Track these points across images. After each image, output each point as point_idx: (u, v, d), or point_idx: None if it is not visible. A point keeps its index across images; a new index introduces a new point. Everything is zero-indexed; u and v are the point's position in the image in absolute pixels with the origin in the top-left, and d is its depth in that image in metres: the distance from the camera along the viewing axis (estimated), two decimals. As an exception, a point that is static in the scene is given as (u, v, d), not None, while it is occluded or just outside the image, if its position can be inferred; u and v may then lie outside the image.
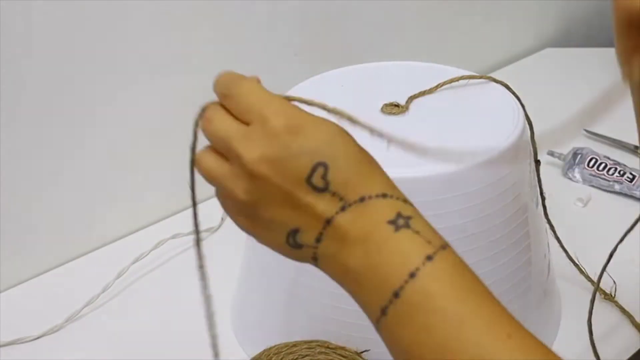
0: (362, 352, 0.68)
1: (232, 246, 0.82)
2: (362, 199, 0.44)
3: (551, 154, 1.07)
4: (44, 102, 0.85)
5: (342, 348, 0.68)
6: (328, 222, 0.44)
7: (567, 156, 1.07)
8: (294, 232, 0.45)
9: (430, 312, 0.40)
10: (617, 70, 0.60)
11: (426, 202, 0.65)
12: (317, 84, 0.80)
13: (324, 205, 0.44)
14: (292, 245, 0.45)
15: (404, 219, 0.43)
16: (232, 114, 0.48)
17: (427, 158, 0.52)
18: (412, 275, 0.41)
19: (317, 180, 0.43)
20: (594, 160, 1.04)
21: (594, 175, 1.04)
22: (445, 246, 0.43)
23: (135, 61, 0.91)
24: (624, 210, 1.00)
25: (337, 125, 0.46)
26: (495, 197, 0.67)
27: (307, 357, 0.68)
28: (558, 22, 1.50)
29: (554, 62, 1.42)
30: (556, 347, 0.78)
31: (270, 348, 0.69)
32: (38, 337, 0.81)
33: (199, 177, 0.52)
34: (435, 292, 0.40)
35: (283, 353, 0.68)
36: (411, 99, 0.74)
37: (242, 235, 0.52)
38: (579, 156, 1.06)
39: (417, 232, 0.43)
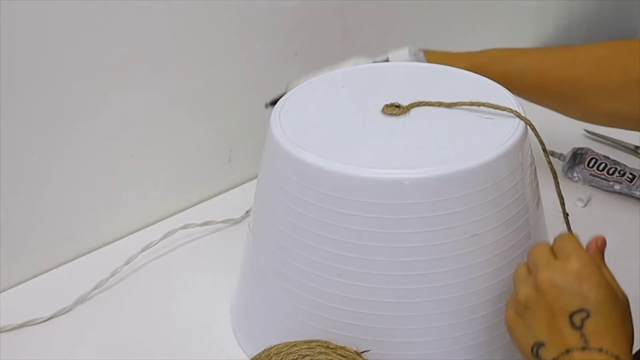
0: (362, 352, 0.68)
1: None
2: (599, 349, 0.56)
3: (551, 154, 1.07)
4: (45, 98, 0.85)
5: (342, 348, 0.68)
6: (567, 351, 0.56)
7: (567, 156, 1.07)
8: (540, 345, 0.58)
9: None
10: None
11: (427, 203, 0.65)
12: (317, 84, 0.80)
13: (571, 339, 0.57)
14: (534, 353, 0.59)
15: None
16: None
17: None
18: None
19: (576, 319, 0.57)
20: (594, 161, 1.04)
21: (594, 176, 1.04)
22: None
23: (137, 60, 0.91)
24: (624, 211, 1.00)
25: (613, 291, 0.59)
26: (496, 198, 0.67)
27: (307, 357, 0.68)
28: (558, 22, 1.50)
29: (554, 62, 1.42)
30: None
31: (270, 348, 0.69)
32: (49, 319, 0.83)
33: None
34: None
35: (283, 353, 0.68)
36: (412, 105, 0.74)
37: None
38: (579, 156, 1.06)
39: None
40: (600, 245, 0.63)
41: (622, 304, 0.59)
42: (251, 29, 1.00)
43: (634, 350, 0.77)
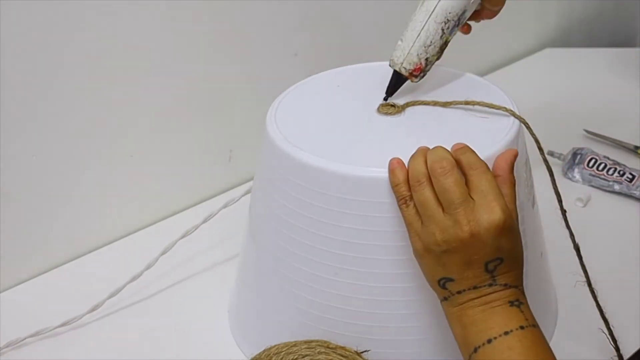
0: (362, 352, 0.68)
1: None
2: (505, 285, 0.61)
3: (551, 154, 1.07)
4: (45, 98, 0.85)
5: (342, 348, 0.68)
6: (475, 287, 0.61)
7: (567, 156, 1.07)
8: (449, 279, 0.61)
9: (506, 358, 0.58)
10: (617, 70, 0.60)
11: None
12: (316, 83, 0.80)
13: (481, 278, 0.61)
14: (440, 285, 0.62)
15: (519, 302, 0.61)
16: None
17: None
18: (506, 333, 0.59)
19: (491, 266, 0.61)
20: (593, 160, 1.04)
21: (593, 175, 1.04)
22: (535, 326, 0.60)
23: (137, 60, 0.91)
24: (623, 210, 1.00)
25: (519, 236, 0.63)
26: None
27: (307, 357, 0.68)
28: (558, 22, 1.50)
29: (554, 62, 1.42)
30: (553, 346, 0.78)
31: (270, 348, 0.69)
32: (83, 316, 0.83)
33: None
34: (514, 347, 0.59)
35: (283, 353, 0.68)
36: (408, 104, 0.74)
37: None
38: (579, 156, 1.06)
39: (522, 312, 0.61)
40: (510, 161, 0.64)
41: (520, 240, 0.63)
42: (251, 29, 1.00)
43: (634, 350, 0.78)
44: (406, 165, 0.64)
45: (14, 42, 0.80)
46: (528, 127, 0.70)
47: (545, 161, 0.70)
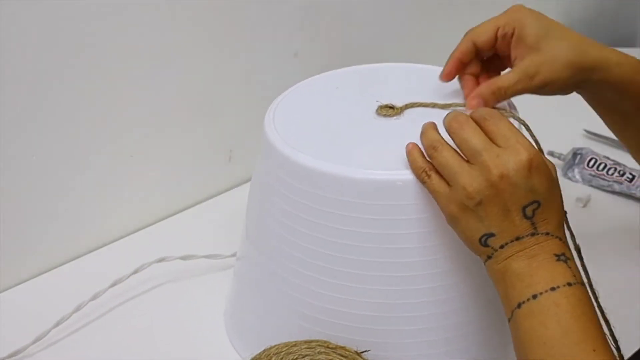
0: (362, 352, 0.68)
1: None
2: (547, 234, 0.59)
3: (551, 154, 1.07)
4: (45, 99, 0.85)
5: (342, 348, 0.68)
6: (517, 238, 0.59)
7: (567, 156, 1.07)
8: (490, 235, 0.60)
9: (551, 315, 0.57)
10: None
11: (420, 203, 0.65)
12: (315, 85, 0.80)
13: (522, 227, 0.59)
14: (482, 243, 0.61)
15: (565, 257, 0.59)
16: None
17: None
18: (553, 289, 0.57)
19: (529, 211, 0.59)
20: (593, 161, 1.04)
21: (593, 176, 1.04)
22: (583, 284, 0.59)
23: (137, 61, 0.91)
24: (623, 210, 1.00)
25: (553, 175, 0.61)
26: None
27: (307, 357, 0.68)
28: (558, 22, 1.50)
29: (554, 62, 1.41)
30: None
31: (270, 348, 0.69)
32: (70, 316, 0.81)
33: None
34: (561, 304, 0.57)
35: (283, 353, 0.68)
36: (407, 106, 0.74)
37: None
38: (579, 156, 1.06)
39: (569, 268, 0.59)
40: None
41: (557, 183, 0.62)
42: (251, 29, 1.00)
43: (634, 351, 0.78)
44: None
45: (14, 42, 0.80)
46: (527, 128, 0.70)
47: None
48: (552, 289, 0.57)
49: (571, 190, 1.03)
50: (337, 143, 0.70)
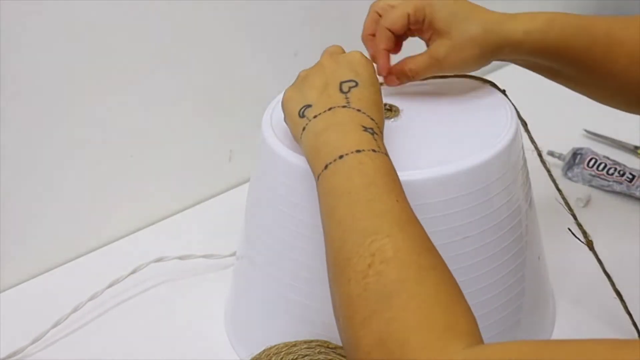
0: (361, 352, 0.68)
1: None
2: (358, 110, 0.61)
3: (551, 154, 1.07)
4: (45, 99, 0.85)
5: (342, 348, 0.68)
6: (330, 109, 0.61)
7: (567, 156, 1.07)
8: (307, 106, 0.63)
9: (356, 170, 0.56)
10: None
11: (418, 205, 0.64)
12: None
13: (336, 99, 0.62)
14: (300, 114, 0.63)
15: (373, 131, 0.60)
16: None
17: None
18: (358, 151, 0.57)
19: (345, 87, 0.63)
20: (593, 161, 1.04)
21: (593, 176, 1.03)
22: (388, 156, 0.59)
23: (137, 61, 0.91)
24: (623, 210, 1.00)
25: (378, 81, 0.65)
26: (487, 200, 0.67)
27: (307, 357, 0.68)
28: (558, 22, 1.50)
29: (554, 62, 1.41)
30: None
31: (270, 348, 0.69)
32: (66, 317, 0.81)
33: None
34: (365, 162, 0.57)
35: (283, 353, 0.68)
36: (404, 106, 0.74)
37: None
38: (579, 156, 1.06)
39: (375, 140, 0.59)
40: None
41: (378, 90, 0.65)
42: (251, 29, 1.00)
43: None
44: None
45: (15, 42, 0.80)
46: (526, 129, 0.70)
47: (544, 163, 0.70)
48: (358, 151, 0.57)
49: (571, 190, 1.03)
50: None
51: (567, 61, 0.72)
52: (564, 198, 0.71)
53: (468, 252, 0.67)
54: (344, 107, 0.61)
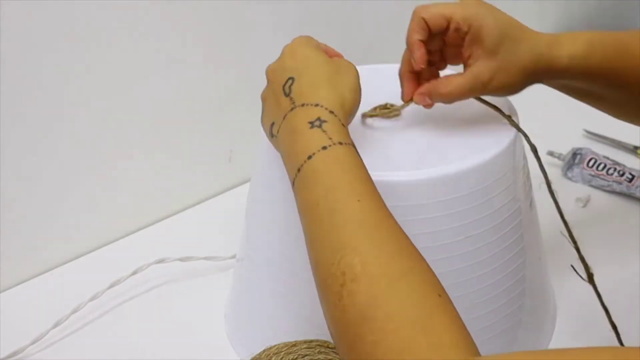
0: (362, 352, 0.68)
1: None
2: (302, 105, 0.60)
3: (551, 154, 1.07)
4: (45, 99, 0.85)
5: (342, 348, 0.68)
6: (284, 118, 0.61)
7: (567, 156, 1.07)
8: (273, 124, 0.63)
9: (312, 181, 0.55)
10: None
11: (419, 205, 0.65)
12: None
13: (285, 105, 0.61)
14: (271, 134, 0.63)
15: (320, 121, 0.58)
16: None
17: None
18: (309, 157, 0.56)
19: (286, 88, 0.62)
20: (593, 161, 1.04)
21: (593, 176, 1.03)
22: (343, 143, 0.57)
23: (137, 61, 0.91)
24: (623, 210, 1.00)
25: (321, 57, 0.64)
26: (488, 200, 0.67)
27: (307, 357, 0.68)
28: (558, 22, 1.50)
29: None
30: (551, 348, 0.78)
31: (270, 348, 0.69)
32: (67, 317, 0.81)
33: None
34: (318, 169, 0.56)
35: (283, 353, 0.68)
36: (403, 106, 0.73)
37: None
38: (579, 156, 1.06)
39: (325, 132, 0.57)
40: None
41: (333, 66, 0.63)
42: (251, 29, 1.00)
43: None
44: None
45: (14, 42, 0.80)
46: (525, 136, 0.69)
47: (542, 167, 0.69)
48: (309, 157, 0.56)
49: (571, 190, 1.03)
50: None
51: (608, 83, 0.69)
52: (569, 230, 0.69)
53: (469, 252, 0.67)
54: (291, 109, 0.60)
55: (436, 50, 0.71)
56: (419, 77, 0.71)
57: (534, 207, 0.76)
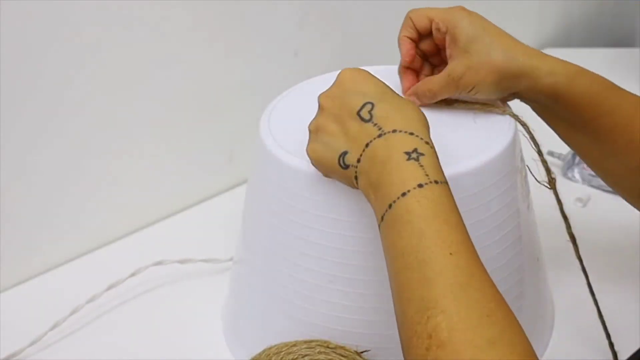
0: (362, 352, 0.68)
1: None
2: (393, 131, 0.56)
3: (551, 154, 1.07)
4: (45, 99, 0.85)
5: (342, 348, 0.68)
6: (367, 145, 0.56)
7: (567, 156, 1.07)
8: (344, 153, 0.58)
9: (405, 223, 0.52)
10: (617, 70, 0.60)
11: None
12: (312, 87, 0.79)
13: (367, 132, 0.57)
14: (342, 166, 0.58)
15: (417, 154, 0.54)
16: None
17: None
18: (404, 194, 0.53)
19: (364, 114, 0.57)
20: (593, 161, 1.04)
21: (593, 176, 1.03)
22: (439, 182, 0.54)
23: (137, 61, 0.91)
24: (623, 210, 1.00)
25: (383, 82, 0.61)
26: (485, 203, 0.67)
27: (307, 357, 0.68)
28: (558, 22, 1.50)
29: (553, 62, 1.41)
30: (550, 351, 0.78)
31: (270, 348, 0.69)
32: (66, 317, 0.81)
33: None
34: (412, 210, 0.52)
35: (283, 353, 0.68)
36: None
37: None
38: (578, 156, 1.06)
39: (422, 166, 0.54)
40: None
41: (390, 88, 0.60)
42: (251, 29, 1.00)
43: (633, 351, 0.78)
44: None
45: (14, 42, 0.80)
46: (528, 131, 0.69)
47: (545, 163, 0.69)
48: (403, 194, 0.53)
49: (571, 190, 1.03)
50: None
51: (589, 117, 0.68)
52: (568, 225, 0.70)
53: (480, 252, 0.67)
54: (379, 136, 0.56)
55: (433, 52, 0.73)
56: (418, 79, 0.74)
57: (531, 209, 0.76)
